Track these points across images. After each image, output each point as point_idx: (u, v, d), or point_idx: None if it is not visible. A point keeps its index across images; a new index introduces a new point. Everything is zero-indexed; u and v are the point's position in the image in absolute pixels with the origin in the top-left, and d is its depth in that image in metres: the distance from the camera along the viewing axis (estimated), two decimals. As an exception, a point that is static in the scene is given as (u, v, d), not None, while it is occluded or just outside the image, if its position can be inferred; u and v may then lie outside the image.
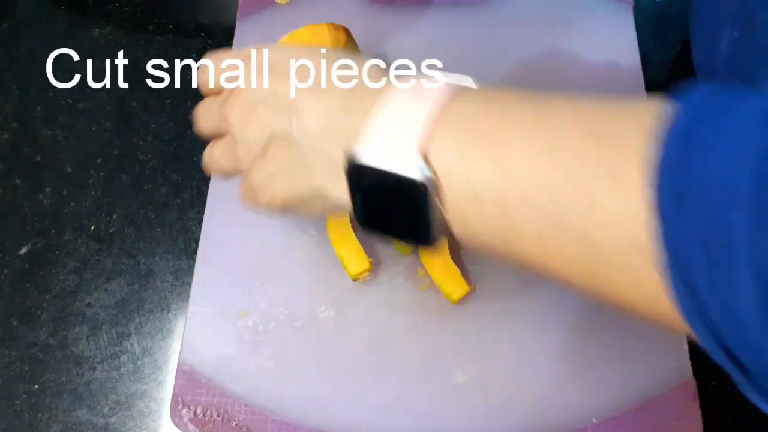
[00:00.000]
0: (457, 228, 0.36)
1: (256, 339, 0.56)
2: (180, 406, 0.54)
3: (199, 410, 0.54)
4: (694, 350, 0.54)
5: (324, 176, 0.40)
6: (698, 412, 0.52)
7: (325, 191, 0.40)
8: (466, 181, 0.34)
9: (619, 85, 0.66)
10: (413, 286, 0.58)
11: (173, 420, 0.54)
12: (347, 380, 0.55)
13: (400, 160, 0.35)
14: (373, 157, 0.35)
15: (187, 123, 0.68)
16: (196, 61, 0.72)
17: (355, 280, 0.57)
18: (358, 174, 0.37)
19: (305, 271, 0.59)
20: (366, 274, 0.57)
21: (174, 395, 0.54)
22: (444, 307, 0.56)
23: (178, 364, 0.56)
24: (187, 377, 0.55)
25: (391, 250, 0.59)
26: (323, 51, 0.43)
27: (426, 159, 0.35)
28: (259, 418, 0.53)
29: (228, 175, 0.47)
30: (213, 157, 0.47)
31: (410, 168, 0.35)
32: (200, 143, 0.66)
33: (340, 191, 0.39)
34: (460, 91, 0.37)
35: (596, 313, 0.56)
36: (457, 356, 0.55)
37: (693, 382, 0.53)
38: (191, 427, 0.53)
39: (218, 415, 0.54)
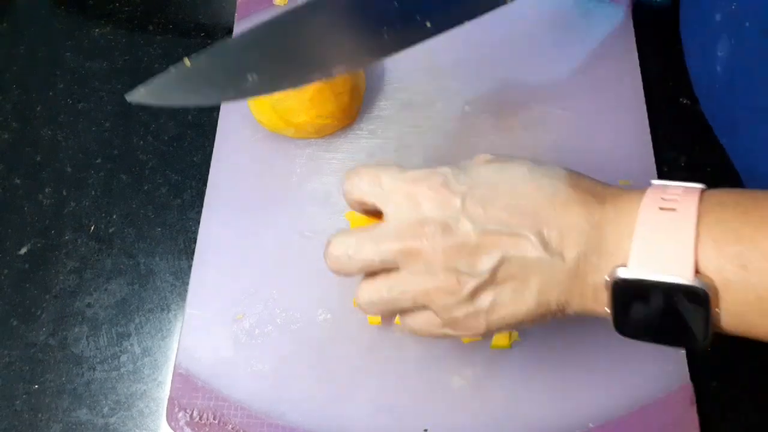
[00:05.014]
0: (730, 326, 0.39)
1: (252, 342, 0.56)
2: (176, 410, 0.54)
3: (195, 413, 0.54)
4: (692, 354, 0.54)
5: (570, 293, 0.42)
6: (695, 417, 0.52)
7: (568, 307, 0.42)
8: (746, 285, 0.37)
9: (618, 87, 0.65)
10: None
11: (169, 423, 0.54)
12: (344, 384, 0.55)
13: (674, 270, 0.38)
14: (644, 271, 0.38)
15: (187, 123, 0.69)
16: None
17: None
18: (625, 289, 0.39)
19: (302, 274, 0.59)
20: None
21: (170, 398, 0.55)
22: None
23: (175, 367, 0.56)
24: (184, 380, 0.55)
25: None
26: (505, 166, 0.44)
27: (697, 267, 0.37)
28: (255, 422, 0.54)
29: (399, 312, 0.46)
30: (381, 292, 0.45)
31: (687, 277, 0.37)
32: (200, 143, 0.67)
33: (588, 305, 0.42)
34: (703, 196, 0.39)
35: (594, 318, 0.55)
36: (453, 360, 0.55)
37: (690, 387, 0.53)
38: (187, 430, 0.53)
39: (214, 419, 0.54)
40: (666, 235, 0.38)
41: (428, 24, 0.49)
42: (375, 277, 0.45)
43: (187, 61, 0.45)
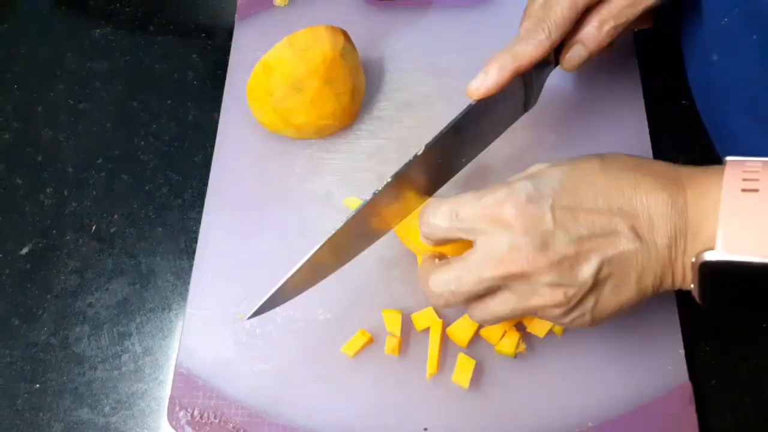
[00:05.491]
0: None
1: (253, 341, 0.57)
2: (177, 409, 0.54)
3: (196, 412, 0.54)
4: (692, 353, 0.54)
5: (663, 276, 0.43)
6: (694, 417, 0.52)
7: (661, 288, 0.44)
8: None
9: (618, 88, 0.66)
10: (411, 290, 0.58)
11: (170, 422, 0.54)
12: (344, 383, 0.55)
13: (761, 252, 0.39)
14: (730, 254, 0.39)
15: (188, 123, 0.69)
16: (197, 62, 0.72)
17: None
18: (711, 270, 0.40)
19: (303, 274, 0.59)
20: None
21: (171, 397, 0.55)
22: (442, 311, 0.57)
23: (175, 366, 0.56)
24: (184, 379, 0.55)
25: (397, 258, 0.59)
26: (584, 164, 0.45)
27: None
28: (255, 421, 0.54)
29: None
30: (493, 313, 0.46)
31: None
32: (201, 143, 0.67)
33: (678, 283, 0.44)
34: None
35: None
36: (454, 360, 0.55)
37: (689, 386, 0.53)
38: (188, 429, 0.54)
39: (215, 418, 0.54)
40: (751, 218, 0.39)
41: (464, 160, 0.54)
42: (483, 299, 0.46)
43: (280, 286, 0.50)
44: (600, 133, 0.63)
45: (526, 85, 0.54)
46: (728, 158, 0.42)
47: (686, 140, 0.64)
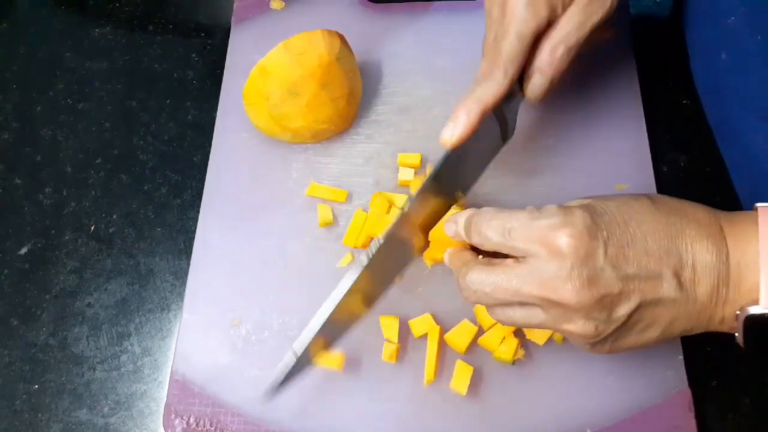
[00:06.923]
0: None
1: (249, 348, 0.57)
2: (173, 416, 0.54)
3: (192, 420, 0.54)
4: (691, 356, 0.54)
5: (696, 322, 0.44)
6: (693, 423, 0.52)
7: (691, 332, 0.45)
8: None
9: (615, 91, 0.65)
10: (409, 297, 0.58)
11: (166, 430, 0.54)
12: (341, 390, 0.55)
13: None
14: None
15: (187, 123, 0.69)
16: (197, 61, 0.72)
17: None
18: (758, 323, 0.42)
19: (299, 279, 0.59)
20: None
21: (167, 405, 0.55)
22: (439, 317, 0.57)
23: (171, 373, 0.56)
24: (180, 386, 0.55)
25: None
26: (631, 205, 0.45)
27: None
28: (252, 428, 0.54)
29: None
30: (517, 321, 0.46)
31: None
32: (200, 143, 0.67)
33: (713, 327, 0.44)
34: None
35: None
36: (452, 367, 0.55)
37: (689, 392, 0.53)
38: (184, 436, 0.54)
39: (211, 425, 0.54)
40: None
41: (459, 193, 0.54)
42: (512, 305, 0.45)
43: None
44: (597, 136, 0.63)
45: (499, 120, 0.53)
46: (759, 205, 0.43)
47: (686, 140, 0.64)
